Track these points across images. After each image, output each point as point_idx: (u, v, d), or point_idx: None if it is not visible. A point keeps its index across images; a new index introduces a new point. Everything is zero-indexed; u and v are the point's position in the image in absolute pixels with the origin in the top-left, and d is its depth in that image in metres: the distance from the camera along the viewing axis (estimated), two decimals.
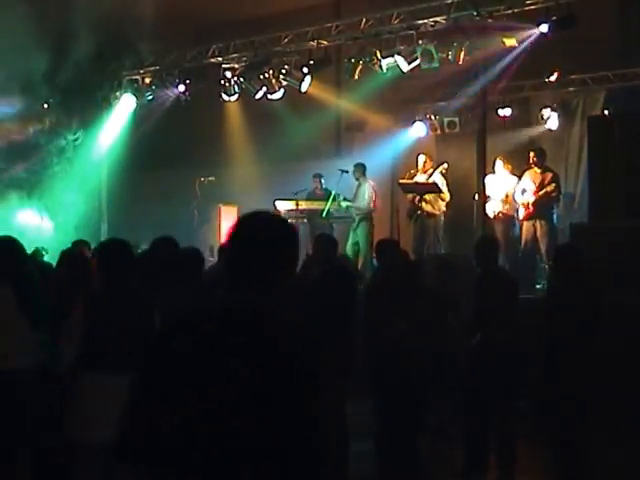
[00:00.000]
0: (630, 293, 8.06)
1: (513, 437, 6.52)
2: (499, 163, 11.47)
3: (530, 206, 10.92)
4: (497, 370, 6.19)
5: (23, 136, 15.03)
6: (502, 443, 6.52)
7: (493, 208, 11.26)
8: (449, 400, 7.35)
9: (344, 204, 12.15)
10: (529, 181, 11.05)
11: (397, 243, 7.85)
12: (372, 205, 12.07)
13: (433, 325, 6.55)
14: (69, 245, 7.83)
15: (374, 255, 7.35)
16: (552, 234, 10.78)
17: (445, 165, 11.92)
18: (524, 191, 11.03)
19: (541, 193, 10.87)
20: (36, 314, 5.12)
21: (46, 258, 9.54)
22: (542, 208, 10.85)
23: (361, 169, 12.28)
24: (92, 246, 7.36)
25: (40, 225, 14.78)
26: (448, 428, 7.28)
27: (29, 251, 7.13)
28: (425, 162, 12.06)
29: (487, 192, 11.16)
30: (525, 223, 10.98)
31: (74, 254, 6.59)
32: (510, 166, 11.46)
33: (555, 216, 11.09)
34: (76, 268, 5.83)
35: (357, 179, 12.28)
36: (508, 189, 11.25)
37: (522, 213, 11.06)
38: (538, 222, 10.83)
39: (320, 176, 12.76)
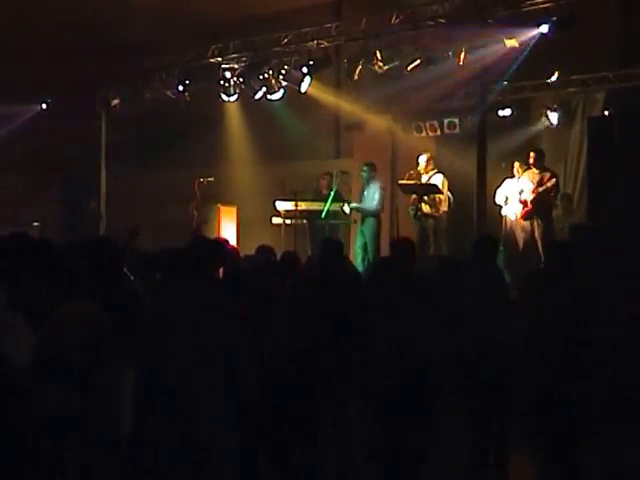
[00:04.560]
0: (630, 294, 8.04)
1: (507, 436, 6.51)
2: (517, 165, 11.38)
3: (529, 204, 10.91)
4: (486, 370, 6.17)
5: None
6: (499, 442, 6.52)
7: (514, 211, 11.21)
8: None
9: (351, 206, 12.09)
10: (527, 181, 11.05)
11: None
12: (380, 207, 12.07)
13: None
14: None
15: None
16: (550, 233, 10.78)
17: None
18: (522, 191, 11.03)
19: (540, 190, 10.86)
20: None
21: None
22: (540, 207, 10.84)
23: (374, 169, 12.26)
24: None
25: None
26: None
27: None
28: (427, 162, 12.03)
29: (506, 195, 11.14)
30: (523, 222, 10.97)
31: None
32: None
33: (553, 216, 11.09)
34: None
35: (368, 180, 12.22)
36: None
37: (520, 211, 11.05)
38: (536, 221, 10.83)
39: (330, 175, 12.71)
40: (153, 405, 4.81)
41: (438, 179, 11.79)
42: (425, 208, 11.59)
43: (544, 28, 10.24)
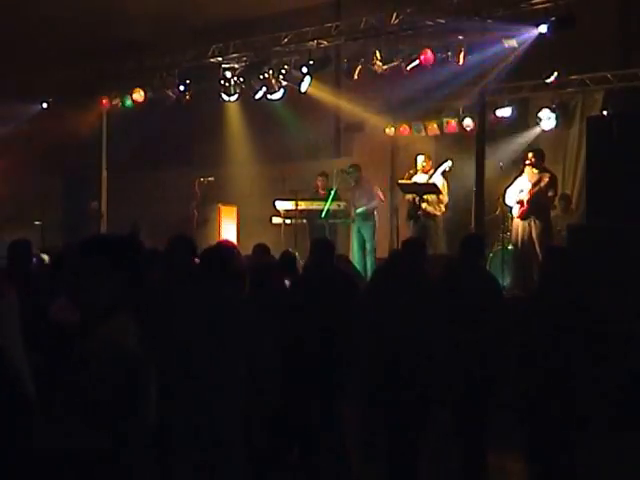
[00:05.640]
0: (629, 294, 8.07)
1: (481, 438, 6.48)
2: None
3: (525, 204, 10.93)
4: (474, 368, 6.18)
5: None
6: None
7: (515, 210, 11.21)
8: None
9: (359, 210, 12.14)
10: (526, 180, 11.05)
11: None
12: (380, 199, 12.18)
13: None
14: None
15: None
16: (547, 233, 10.79)
17: (449, 163, 11.83)
18: (521, 190, 11.05)
19: (535, 189, 10.85)
20: None
21: None
22: (537, 207, 10.83)
23: (359, 170, 12.34)
24: None
25: None
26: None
27: None
28: (424, 162, 12.07)
29: (514, 195, 11.15)
30: (521, 222, 10.97)
31: None
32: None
33: (550, 216, 11.10)
34: None
35: (356, 180, 12.30)
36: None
37: (517, 211, 11.06)
38: (533, 221, 10.82)
39: (325, 175, 12.75)
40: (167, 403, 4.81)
41: (438, 179, 11.82)
42: (428, 207, 11.64)
43: (543, 28, 10.25)
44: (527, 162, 11.02)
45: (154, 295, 5.15)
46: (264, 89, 13.10)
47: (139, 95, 14.23)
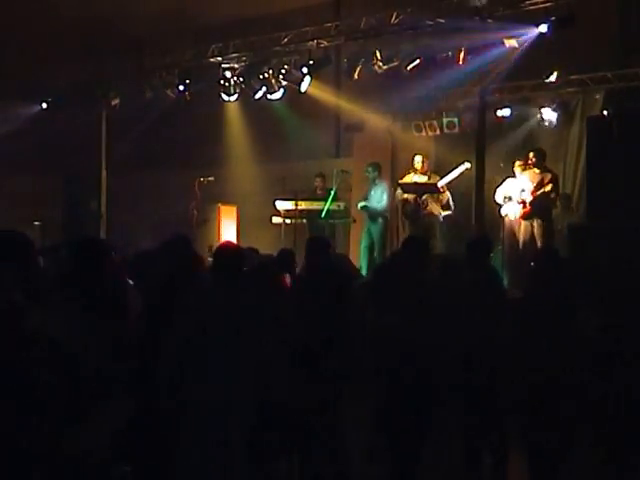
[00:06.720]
0: (629, 294, 8.05)
1: (504, 436, 6.48)
2: (517, 164, 11.33)
3: (527, 205, 10.94)
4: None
5: None
6: (497, 441, 6.50)
7: (512, 211, 11.19)
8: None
9: (360, 205, 12.11)
10: (527, 180, 11.05)
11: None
12: (388, 206, 12.14)
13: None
14: None
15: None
16: (549, 234, 10.79)
17: (468, 165, 11.74)
18: (523, 190, 11.05)
19: (538, 193, 10.88)
20: None
21: None
22: (539, 207, 10.85)
23: (379, 170, 12.31)
24: None
25: None
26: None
27: None
28: (422, 162, 12.06)
29: (506, 194, 11.13)
30: (523, 222, 10.98)
31: None
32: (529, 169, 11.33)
33: (552, 216, 11.10)
34: None
35: (373, 180, 12.26)
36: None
37: (519, 212, 11.06)
38: (535, 222, 10.84)
39: (322, 176, 12.76)
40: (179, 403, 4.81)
41: (445, 180, 11.81)
42: (431, 207, 11.63)
43: (543, 28, 10.26)
44: (528, 162, 11.04)
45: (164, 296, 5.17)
46: (264, 89, 13.11)
47: (139, 95, 14.23)
